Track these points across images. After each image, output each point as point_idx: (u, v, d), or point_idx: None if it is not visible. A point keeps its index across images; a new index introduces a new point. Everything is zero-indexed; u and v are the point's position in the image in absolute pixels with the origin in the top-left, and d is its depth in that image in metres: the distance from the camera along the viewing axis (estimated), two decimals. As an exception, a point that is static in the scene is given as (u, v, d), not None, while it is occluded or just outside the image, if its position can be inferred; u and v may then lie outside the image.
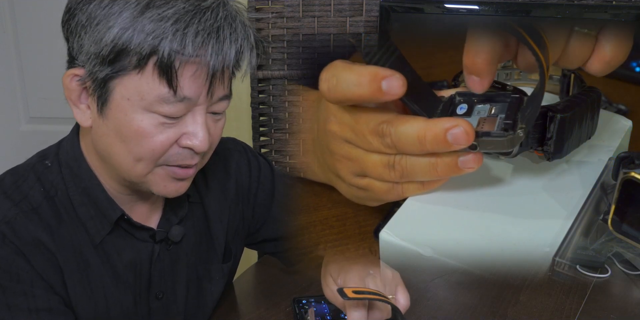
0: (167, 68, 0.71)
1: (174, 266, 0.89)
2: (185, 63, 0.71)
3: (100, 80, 0.73)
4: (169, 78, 0.71)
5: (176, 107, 0.73)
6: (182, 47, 0.70)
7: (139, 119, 0.74)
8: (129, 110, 0.74)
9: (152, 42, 0.70)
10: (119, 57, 0.71)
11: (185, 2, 0.71)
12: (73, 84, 0.76)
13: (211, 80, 0.73)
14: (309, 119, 0.85)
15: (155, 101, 0.73)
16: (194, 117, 0.75)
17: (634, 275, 0.71)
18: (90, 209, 0.81)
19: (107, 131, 0.76)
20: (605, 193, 0.74)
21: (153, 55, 0.71)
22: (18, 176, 0.82)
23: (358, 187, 0.75)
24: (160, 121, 0.74)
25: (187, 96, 0.73)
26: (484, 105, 0.71)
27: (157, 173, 0.78)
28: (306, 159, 0.87)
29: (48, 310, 0.78)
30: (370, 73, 0.66)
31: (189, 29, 0.70)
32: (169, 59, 0.70)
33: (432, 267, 0.70)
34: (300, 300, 0.91)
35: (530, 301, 0.73)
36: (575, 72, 0.81)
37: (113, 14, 0.71)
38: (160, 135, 0.75)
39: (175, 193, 0.81)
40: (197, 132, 0.76)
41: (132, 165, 0.77)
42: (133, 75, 0.72)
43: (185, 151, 0.77)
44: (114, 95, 0.74)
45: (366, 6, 1.32)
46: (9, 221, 0.77)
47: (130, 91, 0.73)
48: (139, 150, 0.75)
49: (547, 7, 1.13)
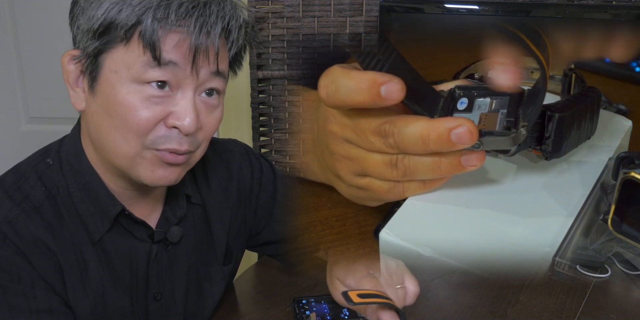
0: (150, 37, 0.72)
1: (172, 267, 0.89)
2: (168, 32, 0.72)
3: (91, 55, 0.75)
4: (153, 47, 0.73)
5: (162, 71, 0.74)
6: (165, 16, 0.72)
7: (125, 92, 0.74)
8: (116, 84, 0.74)
9: (137, 12, 0.72)
10: (107, 31, 0.74)
11: None
12: (71, 66, 0.77)
13: (195, 53, 0.74)
14: (309, 119, 0.85)
15: (141, 68, 0.73)
16: (183, 95, 0.76)
17: (634, 275, 0.71)
18: (90, 206, 0.81)
19: (96, 109, 0.77)
20: (605, 193, 0.74)
21: (138, 26, 0.72)
22: (19, 175, 0.82)
23: (358, 187, 0.75)
24: (147, 94, 0.74)
25: (172, 60, 0.73)
26: (484, 99, 0.70)
27: (145, 156, 0.77)
28: (306, 159, 0.87)
29: (49, 311, 0.78)
30: (368, 79, 0.65)
31: (173, 0, 0.72)
32: (152, 27, 0.72)
33: (432, 267, 0.70)
34: (300, 300, 0.91)
35: (530, 301, 0.73)
36: (576, 72, 0.81)
37: None
38: (146, 110, 0.75)
39: (165, 180, 0.80)
40: (184, 112, 0.75)
41: (119, 143, 0.76)
42: (120, 48, 0.74)
43: (173, 133, 0.76)
44: (104, 71, 0.75)
45: (366, 6, 1.32)
46: (11, 221, 0.77)
47: (117, 64, 0.74)
48: (124, 125, 0.75)
49: (547, 7, 1.13)
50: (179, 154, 0.78)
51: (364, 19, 1.32)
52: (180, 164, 0.79)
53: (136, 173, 0.78)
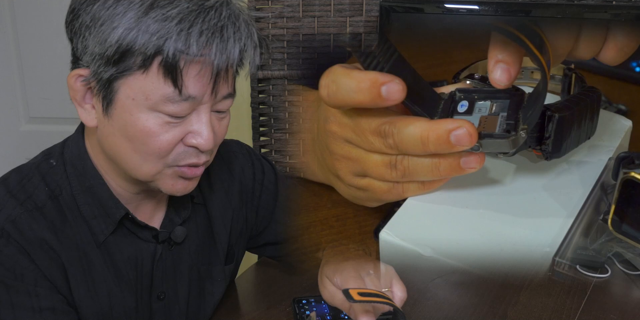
0: (172, 68, 0.71)
1: (176, 267, 0.89)
2: (189, 62, 0.71)
3: (105, 80, 0.74)
4: (174, 78, 0.71)
5: (181, 106, 0.73)
6: (187, 46, 0.70)
7: (144, 119, 0.74)
8: (134, 110, 0.74)
9: (156, 42, 0.70)
10: (123, 58, 0.72)
11: (189, 2, 0.71)
12: (78, 85, 0.76)
13: (215, 79, 0.73)
14: (309, 119, 0.85)
15: (160, 101, 0.73)
16: (199, 116, 0.76)
17: (634, 275, 0.71)
18: (94, 208, 0.82)
19: (113, 131, 0.76)
20: (605, 193, 0.74)
21: (158, 55, 0.71)
22: (23, 175, 0.82)
23: (357, 187, 0.75)
24: (165, 120, 0.74)
25: (192, 95, 0.73)
26: (484, 102, 0.70)
27: (166, 173, 0.78)
28: (306, 159, 0.87)
29: (52, 310, 0.78)
30: (369, 79, 0.65)
31: (193, 29, 0.70)
32: (173, 59, 0.70)
33: (432, 267, 0.70)
34: (300, 300, 0.91)
35: (530, 301, 0.73)
36: (576, 72, 0.80)
37: (117, 14, 0.71)
38: (166, 135, 0.75)
39: (183, 191, 0.81)
40: (201, 131, 0.76)
41: (139, 164, 0.77)
42: (138, 75, 0.72)
43: (190, 150, 0.77)
44: (119, 96, 0.74)
45: (366, 6, 1.32)
46: (14, 220, 0.77)
47: (135, 91, 0.73)
48: (145, 150, 0.75)
49: (547, 7, 1.13)
50: (197, 167, 0.79)
51: (364, 19, 1.32)
52: (198, 175, 0.81)
53: (155, 185, 0.80)
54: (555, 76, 0.84)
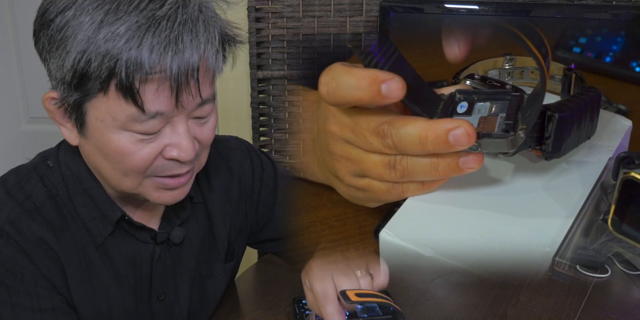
0: (129, 89, 0.69)
1: (175, 267, 0.89)
2: (144, 81, 0.69)
3: (72, 104, 0.73)
4: (133, 98, 0.69)
5: (150, 124, 0.72)
6: (139, 66, 0.67)
7: (116, 139, 0.73)
8: (104, 131, 0.73)
9: (108, 63, 0.68)
10: (82, 82, 0.70)
11: (138, 15, 0.68)
12: (52, 107, 0.76)
13: (177, 92, 0.71)
14: (309, 119, 0.85)
15: (127, 121, 0.71)
16: (174, 128, 0.74)
17: (634, 275, 0.70)
18: (91, 210, 0.82)
19: (91, 149, 0.76)
20: (605, 193, 0.74)
21: (112, 78, 0.69)
22: (21, 176, 0.82)
23: (357, 187, 0.75)
24: (137, 138, 0.73)
25: (159, 111, 0.71)
26: (484, 103, 0.70)
27: (146, 185, 0.78)
28: (306, 159, 0.87)
29: (51, 310, 0.78)
30: (369, 76, 0.65)
31: (143, 45, 0.67)
32: (127, 80, 0.68)
33: (432, 267, 0.70)
34: (300, 300, 0.91)
35: (530, 301, 0.73)
36: (576, 72, 0.80)
37: (69, 37, 0.69)
38: (141, 151, 0.74)
39: (174, 200, 0.81)
40: (179, 143, 0.74)
41: (120, 180, 0.77)
42: (100, 98, 0.71)
43: (171, 162, 0.76)
44: (89, 117, 0.73)
45: (366, 6, 1.32)
46: (13, 220, 0.77)
47: (101, 113, 0.72)
48: (123, 167, 0.75)
49: (547, 7, 1.13)
50: (181, 177, 0.78)
51: (364, 19, 1.32)
52: (185, 184, 0.80)
53: (142, 196, 0.80)
54: (555, 76, 0.84)
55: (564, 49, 1.06)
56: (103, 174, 0.78)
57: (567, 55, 1.05)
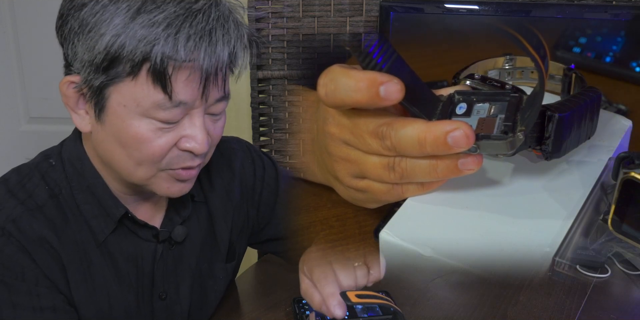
0: (161, 74, 0.71)
1: (177, 266, 0.89)
2: (178, 68, 0.71)
3: (95, 87, 0.74)
4: (163, 84, 0.71)
5: (172, 112, 0.73)
6: (175, 52, 0.70)
7: (136, 125, 0.74)
8: (125, 117, 0.74)
9: (144, 48, 0.69)
10: (112, 65, 0.71)
11: (176, 6, 0.70)
12: (70, 91, 0.76)
13: (205, 84, 0.73)
14: (309, 119, 0.85)
15: (151, 107, 0.73)
16: (192, 120, 0.76)
17: (634, 275, 0.70)
18: (94, 208, 0.82)
19: (106, 137, 0.76)
20: (605, 193, 0.74)
21: (146, 62, 0.70)
22: (23, 175, 0.82)
23: (356, 188, 0.75)
24: (157, 126, 0.74)
25: (183, 101, 0.73)
26: (483, 104, 0.70)
27: (160, 176, 0.79)
28: (306, 159, 0.87)
29: (52, 309, 0.78)
30: (368, 78, 0.65)
31: (180, 34, 0.70)
32: (161, 65, 0.70)
33: (432, 267, 0.70)
34: (300, 300, 0.91)
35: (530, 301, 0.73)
36: (576, 72, 0.80)
37: (104, 20, 0.70)
38: (159, 140, 0.75)
39: (179, 193, 0.82)
40: (195, 135, 0.76)
41: (133, 169, 0.77)
42: (128, 82, 0.72)
43: (185, 153, 0.77)
44: (110, 102, 0.74)
45: (366, 6, 1.32)
46: (15, 219, 0.77)
47: (126, 98, 0.73)
48: (139, 155, 0.76)
49: (547, 7, 1.13)
50: (192, 169, 0.79)
51: (364, 19, 1.32)
52: (194, 176, 0.81)
53: (150, 189, 0.80)
54: (555, 76, 0.84)
55: (564, 49, 1.06)
56: (115, 163, 0.78)
57: (567, 55, 1.05)
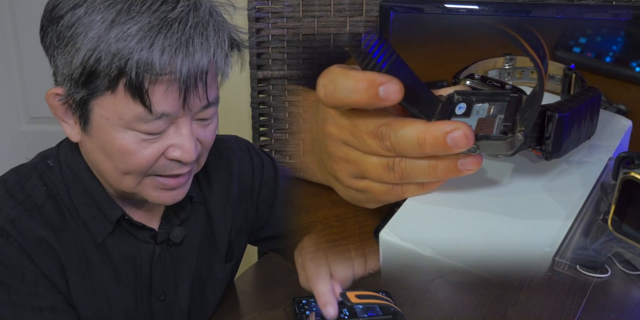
0: (137, 89, 0.69)
1: (175, 267, 0.89)
2: (154, 82, 0.70)
3: (78, 101, 0.73)
4: (142, 98, 0.70)
5: (155, 124, 0.73)
6: (149, 66, 0.68)
7: (121, 137, 0.73)
8: (109, 129, 0.73)
9: (118, 63, 0.68)
10: (90, 79, 0.70)
11: (150, 16, 0.68)
12: (56, 103, 0.76)
13: (185, 95, 0.72)
14: (309, 119, 0.85)
15: (133, 120, 0.72)
16: (178, 130, 0.75)
17: (634, 275, 0.70)
18: (91, 209, 0.82)
19: (93, 148, 0.77)
20: (605, 193, 0.74)
21: (122, 77, 0.69)
22: (21, 175, 0.82)
23: (356, 189, 0.75)
24: (142, 138, 0.73)
25: (165, 112, 0.72)
26: (482, 105, 0.70)
27: (145, 184, 0.78)
28: (306, 159, 0.87)
29: (52, 310, 0.78)
30: (367, 79, 0.65)
31: (154, 47, 0.68)
32: (137, 80, 0.69)
33: (432, 267, 0.70)
34: (300, 300, 0.91)
35: (530, 301, 0.73)
36: (576, 72, 0.80)
37: (80, 34, 0.69)
38: (144, 151, 0.74)
39: (172, 201, 0.81)
40: (182, 144, 0.75)
41: (120, 179, 0.77)
42: (108, 96, 0.71)
43: (173, 162, 0.76)
44: (94, 115, 0.74)
45: (366, 6, 1.32)
46: (13, 220, 0.77)
47: (107, 111, 0.72)
48: (125, 166, 0.75)
49: (547, 7, 1.13)
50: (181, 177, 0.78)
51: (364, 19, 1.32)
52: (184, 183, 0.80)
53: (141, 196, 0.80)
54: (555, 76, 0.84)
55: (564, 49, 1.06)
56: (103, 173, 0.79)
57: (567, 55, 1.05)
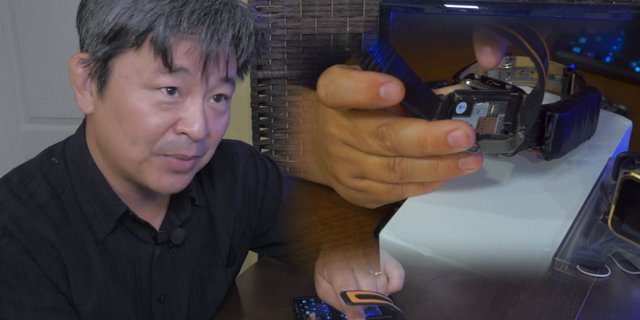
0: (162, 44, 0.72)
1: (175, 269, 0.89)
2: (180, 39, 0.72)
3: (100, 59, 0.75)
4: (164, 54, 0.72)
5: (172, 77, 0.74)
6: (177, 23, 0.71)
7: (136, 97, 0.74)
8: (126, 88, 0.74)
9: (149, 19, 0.72)
10: (118, 35, 0.73)
11: None
12: (79, 69, 0.77)
13: (205, 60, 0.74)
14: (309, 119, 0.85)
15: (152, 74, 0.73)
16: (192, 101, 0.76)
17: (634, 275, 0.71)
18: (94, 206, 0.82)
19: (105, 113, 0.77)
20: (605, 193, 0.74)
21: (149, 32, 0.72)
22: (25, 174, 0.82)
23: (356, 189, 0.75)
24: (157, 100, 0.74)
25: (184, 66, 0.73)
26: (483, 104, 0.70)
27: (153, 162, 0.77)
28: (306, 159, 0.87)
29: (54, 310, 0.78)
30: (368, 79, 0.65)
31: (185, 7, 0.72)
32: (164, 34, 0.72)
33: (432, 267, 0.70)
34: (300, 300, 0.91)
35: (530, 301, 0.73)
36: (576, 72, 0.81)
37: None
38: (156, 117, 0.75)
39: (171, 187, 0.80)
40: (193, 118, 0.75)
41: (127, 148, 0.76)
42: (131, 53, 0.74)
43: (181, 139, 0.76)
44: (113, 75, 0.75)
45: (366, 6, 1.32)
46: (17, 219, 0.77)
47: (128, 69, 0.74)
48: (134, 131, 0.75)
49: (547, 7, 1.13)
50: (186, 160, 0.78)
51: (364, 19, 1.32)
52: (187, 171, 0.80)
53: (142, 178, 0.79)
54: (555, 76, 0.84)
55: (564, 49, 1.06)
56: (111, 143, 0.78)
57: (567, 55, 1.05)
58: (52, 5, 1.63)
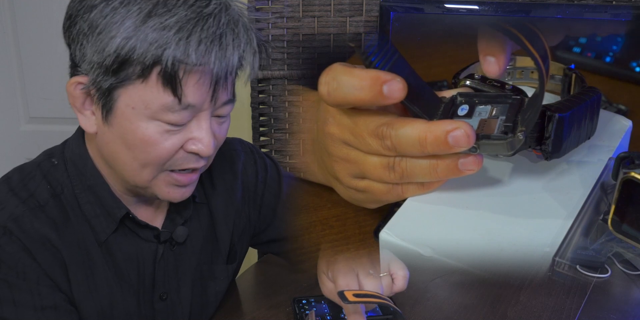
0: (171, 77, 0.71)
1: (178, 267, 0.89)
2: (189, 72, 0.71)
3: (104, 89, 0.74)
4: (174, 87, 0.71)
5: (181, 115, 0.74)
6: (186, 56, 0.70)
7: (144, 127, 0.74)
8: (134, 119, 0.74)
9: (155, 51, 0.70)
10: (122, 67, 0.71)
11: (187, 10, 0.71)
12: (77, 92, 0.76)
13: (215, 87, 0.74)
14: (309, 119, 0.85)
15: (159, 109, 0.73)
16: (199, 123, 0.76)
17: (634, 275, 0.70)
18: (95, 207, 0.82)
19: (112, 138, 0.76)
20: (605, 193, 0.74)
21: (157, 65, 0.71)
22: (25, 174, 0.82)
23: (356, 189, 0.75)
24: (165, 128, 0.74)
25: (192, 103, 0.73)
26: (485, 106, 0.71)
27: (160, 179, 0.78)
28: (306, 159, 0.87)
29: (54, 308, 0.78)
30: (371, 77, 0.65)
31: (191, 38, 0.70)
32: (172, 69, 0.70)
33: (432, 267, 0.70)
34: (300, 300, 0.91)
35: (530, 301, 0.73)
36: (576, 72, 0.80)
37: (115, 22, 0.71)
38: (166, 142, 0.75)
39: (181, 198, 0.82)
40: (202, 137, 0.76)
41: (138, 171, 0.77)
42: (137, 85, 0.72)
43: (190, 155, 0.77)
44: (119, 104, 0.74)
45: (366, 6, 1.32)
46: (16, 218, 0.78)
47: (134, 100, 0.73)
48: (145, 157, 0.76)
49: (547, 7, 1.13)
50: (193, 172, 0.79)
51: (364, 19, 1.32)
52: (194, 181, 0.81)
53: (151, 192, 0.80)
54: (555, 76, 0.84)
55: (564, 49, 1.06)
56: (120, 165, 0.78)
57: (567, 55, 1.05)
58: (52, 5, 1.63)
